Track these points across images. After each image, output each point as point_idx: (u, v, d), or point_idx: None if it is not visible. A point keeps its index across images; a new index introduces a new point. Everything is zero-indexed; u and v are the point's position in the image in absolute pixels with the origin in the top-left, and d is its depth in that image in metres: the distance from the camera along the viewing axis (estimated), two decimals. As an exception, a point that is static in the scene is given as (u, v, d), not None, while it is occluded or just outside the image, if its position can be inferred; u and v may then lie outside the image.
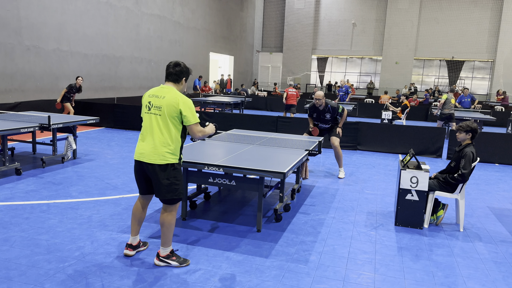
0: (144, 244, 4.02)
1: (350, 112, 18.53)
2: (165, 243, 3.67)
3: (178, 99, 3.48)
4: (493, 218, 5.49)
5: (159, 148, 3.48)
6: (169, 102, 3.47)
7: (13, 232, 4.25)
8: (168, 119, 3.48)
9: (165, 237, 3.66)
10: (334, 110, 6.94)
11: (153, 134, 3.51)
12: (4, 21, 11.06)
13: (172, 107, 3.46)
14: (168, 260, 3.67)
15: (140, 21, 17.20)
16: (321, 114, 6.96)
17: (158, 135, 3.49)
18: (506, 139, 9.23)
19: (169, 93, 3.51)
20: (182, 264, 3.69)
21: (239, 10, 28.23)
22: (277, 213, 4.88)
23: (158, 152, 3.48)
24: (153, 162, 3.49)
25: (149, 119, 3.55)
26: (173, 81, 3.60)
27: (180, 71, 3.58)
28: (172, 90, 3.54)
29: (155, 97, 3.54)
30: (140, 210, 3.82)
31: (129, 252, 3.83)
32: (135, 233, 3.85)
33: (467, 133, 4.97)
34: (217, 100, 15.41)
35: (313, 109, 7.04)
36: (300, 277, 3.60)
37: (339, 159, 7.23)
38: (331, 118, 6.98)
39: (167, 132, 3.49)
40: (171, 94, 3.50)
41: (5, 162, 6.37)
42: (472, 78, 29.77)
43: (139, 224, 3.85)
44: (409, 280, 3.65)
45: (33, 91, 12.23)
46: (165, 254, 3.68)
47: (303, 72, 32.43)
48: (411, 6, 29.04)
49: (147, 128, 3.56)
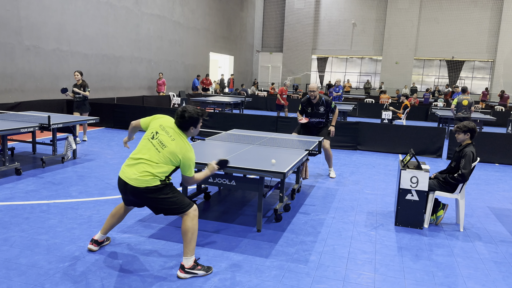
0: (107, 238, 4.07)
1: (350, 112, 18.58)
2: (189, 252, 3.50)
3: (183, 151, 3.44)
4: (493, 218, 5.49)
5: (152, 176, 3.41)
6: (174, 149, 3.43)
7: (13, 232, 4.25)
8: (165, 160, 3.44)
9: (190, 245, 3.50)
10: (328, 103, 6.93)
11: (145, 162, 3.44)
12: (4, 21, 11.06)
13: (174, 154, 3.43)
14: (195, 271, 3.49)
15: (140, 21, 17.20)
16: (315, 107, 6.94)
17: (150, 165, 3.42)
18: (506, 139, 9.23)
19: (178, 139, 3.48)
20: (208, 272, 3.56)
21: (239, 10, 28.23)
22: (277, 213, 4.88)
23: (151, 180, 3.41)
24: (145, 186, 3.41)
25: (148, 147, 3.49)
26: (181, 130, 3.54)
27: (185, 122, 3.49)
28: (181, 137, 3.50)
29: (165, 132, 3.49)
30: (119, 214, 3.84)
31: (93, 248, 3.87)
32: (105, 232, 3.89)
33: (465, 133, 4.97)
34: (217, 100, 15.40)
35: (306, 103, 7.00)
36: (300, 277, 3.60)
37: (329, 159, 7.26)
38: (325, 111, 6.97)
39: (158, 166, 3.43)
40: (180, 142, 3.47)
41: (5, 162, 6.37)
42: (472, 78, 29.78)
43: (112, 227, 3.88)
44: (409, 280, 3.65)
45: (33, 91, 12.24)
46: (191, 265, 3.49)
47: (303, 72, 32.43)
48: (411, 6, 29.05)
49: (141, 153, 3.48)
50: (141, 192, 3.42)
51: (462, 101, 10.80)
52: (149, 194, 3.42)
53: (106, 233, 3.90)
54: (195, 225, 3.51)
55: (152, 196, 3.43)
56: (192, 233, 3.49)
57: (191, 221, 3.50)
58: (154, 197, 3.44)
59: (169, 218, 4.85)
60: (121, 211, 3.85)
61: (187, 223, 3.49)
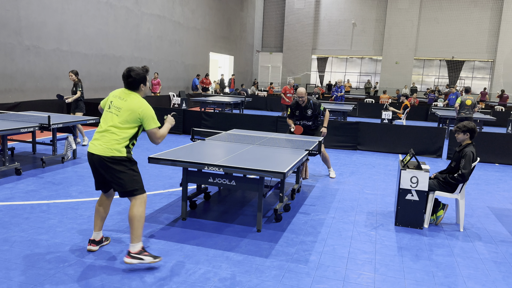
0: (106, 239, 4.11)
1: (350, 112, 18.58)
2: (136, 238, 3.61)
3: (139, 105, 3.59)
4: (493, 218, 5.49)
5: (113, 144, 3.56)
6: (129, 106, 3.58)
7: (13, 232, 4.26)
8: (125, 120, 3.58)
9: (137, 232, 3.60)
10: (315, 106, 6.92)
11: (108, 131, 3.60)
12: (4, 21, 11.06)
13: (132, 110, 3.58)
14: (141, 256, 3.58)
15: (140, 21, 17.20)
16: (303, 110, 6.93)
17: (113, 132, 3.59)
18: (506, 139, 9.23)
19: (130, 97, 3.64)
20: (155, 260, 3.63)
21: (239, 10, 28.23)
22: (277, 213, 4.88)
23: (111, 147, 3.56)
24: (104, 154, 3.55)
25: (107, 117, 3.65)
26: (132, 90, 3.70)
27: (133, 81, 3.65)
28: (133, 95, 3.66)
29: (117, 98, 3.67)
30: (102, 207, 3.91)
31: (93, 248, 3.90)
32: (98, 228, 3.93)
33: (464, 133, 4.97)
34: (217, 100, 15.40)
35: (295, 106, 7.00)
36: (300, 277, 3.60)
37: (326, 161, 7.25)
38: (312, 114, 6.96)
39: (120, 131, 3.58)
40: (133, 99, 3.62)
41: (5, 162, 6.37)
42: (472, 78, 29.78)
43: (102, 220, 3.93)
44: (409, 280, 3.65)
45: (33, 91, 12.23)
46: (137, 250, 3.60)
47: (303, 72, 32.43)
48: (411, 6, 29.05)
49: (104, 125, 3.65)
50: (105, 162, 3.55)
51: (465, 100, 10.79)
52: (112, 165, 3.56)
53: (99, 229, 3.95)
54: (142, 212, 3.61)
55: (115, 167, 3.56)
56: (139, 220, 3.59)
57: (138, 207, 3.60)
58: (116, 168, 3.56)
59: (169, 219, 4.85)
60: (104, 202, 3.92)
61: (135, 209, 3.59)
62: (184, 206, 4.82)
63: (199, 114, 11.41)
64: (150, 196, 5.71)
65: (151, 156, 4.57)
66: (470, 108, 10.78)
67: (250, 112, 18.57)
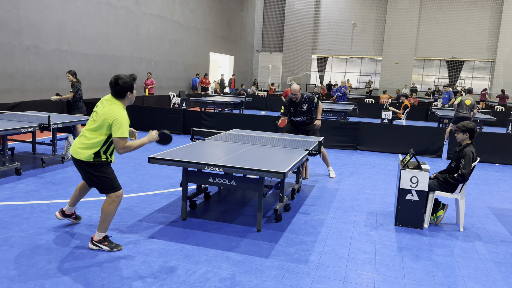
0: (77, 217, 4.49)
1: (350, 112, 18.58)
2: (101, 228, 3.89)
3: (111, 111, 3.70)
4: (493, 218, 5.49)
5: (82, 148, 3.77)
6: (105, 112, 3.72)
7: (13, 232, 4.26)
8: (99, 126, 3.74)
9: (102, 224, 3.88)
10: (310, 100, 6.92)
11: (83, 135, 3.82)
12: (4, 21, 11.06)
13: (105, 117, 3.71)
14: (100, 245, 3.90)
15: (140, 21, 17.20)
16: (298, 106, 6.92)
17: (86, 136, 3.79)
18: (506, 139, 9.23)
19: (110, 105, 3.76)
20: (114, 249, 3.89)
21: (239, 10, 28.23)
22: (277, 213, 4.88)
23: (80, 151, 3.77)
24: (75, 156, 3.81)
25: (89, 122, 3.86)
26: (118, 97, 3.82)
27: (120, 89, 3.76)
28: (115, 104, 3.77)
29: (101, 104, 3.83)
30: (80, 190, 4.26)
31: (59, 216, 4.33)
32: (71, 204, 4.31)
33: (464, 133, 4.97)
34: (217, 100, 15.40)
35: (289, 103, 6.99)
36: (300, 277, 3.60)
37: (325, 158, 7.24)
38: (308, 109, 6.96)
39: (91, 136, 3.76)
40: (111, 106, 3.75)
41: (5, 162, 6.37)
42: (472, 78, 29.78)
43: (76, 199, 4.28)
44: (409, 280, 3.65)
45: (33, 91, 12.23)
46: (98, 239, 3.90)
47: (303, 72, 32.43)
48: (411, 6, 29.04)
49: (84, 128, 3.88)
50: (79, 163, 3.81)
51: (465, 100, 10.76)
52: (85, 167, 3.81)
53: (72, 205, 4.32)
54: (112, 209, 3.86)
55: (87, 169, 3.81)
56: (107, 215, 3.86)
57: (109, 204, 3.85)
58: (88, 170, 3.81)
59: (169, 219, 4.86)
60: (83, 186, 4.24)
61: (105, 205, 3.86)
62: (184, 206, 4.82)
63: (199, 114, 11.41)
64: (150, 196, 5.71)
65: (151, 156, 4.57)
66: (469, 108, 10.76)
67: (250, 112, 18.57)
